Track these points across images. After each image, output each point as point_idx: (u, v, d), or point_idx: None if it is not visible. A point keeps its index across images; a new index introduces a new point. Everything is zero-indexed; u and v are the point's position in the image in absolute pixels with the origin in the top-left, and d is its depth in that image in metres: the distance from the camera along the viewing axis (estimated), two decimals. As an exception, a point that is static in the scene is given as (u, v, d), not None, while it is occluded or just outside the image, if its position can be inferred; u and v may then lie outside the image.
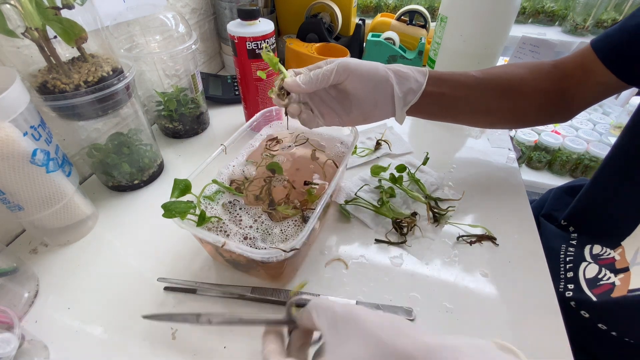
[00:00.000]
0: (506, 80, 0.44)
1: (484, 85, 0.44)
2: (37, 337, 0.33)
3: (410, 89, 0.41)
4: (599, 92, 0.43)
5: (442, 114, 0.45)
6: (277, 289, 0.38)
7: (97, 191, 0.52)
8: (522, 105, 0.45)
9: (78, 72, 0.39)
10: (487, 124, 0.51)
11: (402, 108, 0.42)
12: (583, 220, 0.49)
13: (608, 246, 0.44)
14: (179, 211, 0.33)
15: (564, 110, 0.46)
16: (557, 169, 1.32)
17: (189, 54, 0.56)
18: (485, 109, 0.45)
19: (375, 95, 0.40)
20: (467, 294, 0.38)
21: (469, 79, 0.43)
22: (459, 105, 0.44)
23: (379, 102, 0.41)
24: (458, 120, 0.47)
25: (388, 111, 0.42)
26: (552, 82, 0.44)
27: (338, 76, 0.38)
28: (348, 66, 0.38)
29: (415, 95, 0.41)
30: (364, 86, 0.39)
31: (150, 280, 0.39)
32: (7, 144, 0.32)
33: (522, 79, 0.44)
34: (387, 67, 0.41)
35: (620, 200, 0.43)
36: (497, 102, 0.44)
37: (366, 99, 0.40)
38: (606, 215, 0.45)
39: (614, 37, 0.41)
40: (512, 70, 0.45)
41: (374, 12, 1.30)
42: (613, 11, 1.15)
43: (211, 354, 0.33)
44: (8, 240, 0.45)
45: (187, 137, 0.64)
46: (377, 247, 0.43)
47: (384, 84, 0.40)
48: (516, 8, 0.54)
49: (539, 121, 0.48)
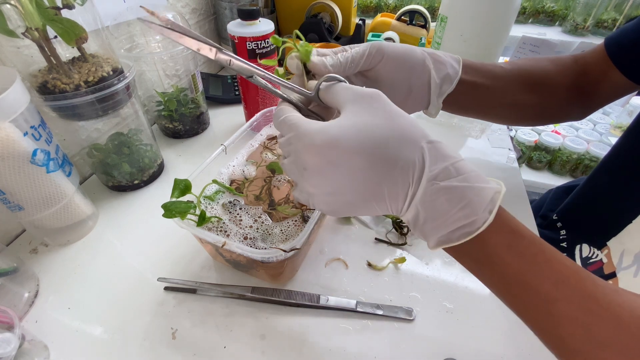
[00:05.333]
0: (533, 73, 0.42)
1: (513, 76, 0.41)
2: (37, 337, 0.33)
3: (447, 75, 0.37)
4: (614, 91, 0.43)
5: (473, 107, 0.42)
6: (277, 289, 0.38)
7: (97, 191, 0.52)
8: (546, 99, 0.43)
9: (78, 72, 0.39)
10: (512, 119, 0.48)
11: (438, 97, 0.37)
12: (573, 217, 0.49)
13: (594, 246, 0.44)
14: (179, 211, 0.33)
15: (581, 107, 0.45)
16: (557, 169, 1.32)
17: (189, 54, 0.56)
18: (513, 102, 0.42)
19: (411, 81, 0.36)
20: (467, 294, 0.38)
21: (498, 69, 0.41)
22: (490, 97, 0.41)
23: (413, 90, 0.36)
24: (487, 115, 0.45)
25: (421, 101, 0.38)
26: (573, 78, 0.43)
27: (370, 59, 0.34)
28: (382, 48, 0.34)
29: (451, 84, 0.37)
30: (399, 70, 0.35)
31: (150, 280, 0.39)
32: (7, 144, 0.32)
33: (547, 72, 0.43)
34: (423, 50, 0.37)
35: (610, 199, 0.44)
36: (525, 95, 0.42)
37: (400, 86, 0.36)
38: (596, 213, 0.46)
39: (627, 37, 0.40)
40: (536, 63, 0.43)
41: (374, 12, 1.30)
42: (613, 11, 1.15)
43: (211, 354, 0.33)
44: (8, 240, 0.45)
45: (187, 137, 0.64)
46: (377, 247, 0.43)
47: (420, 68, 0.36)
48: (516, 8, 0.54)
49: (559, 117, 0.47)
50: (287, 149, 0.25)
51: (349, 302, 0.36)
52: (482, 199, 0.22)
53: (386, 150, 0.22)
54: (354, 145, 0.22)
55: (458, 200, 0.22)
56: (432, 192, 0.22)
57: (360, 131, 0.22)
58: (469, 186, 0.22)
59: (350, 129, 0.23)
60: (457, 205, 0.22)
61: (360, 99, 0.24)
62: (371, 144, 0.22)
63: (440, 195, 0.22)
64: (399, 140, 0.22)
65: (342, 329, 0.35)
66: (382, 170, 0.22)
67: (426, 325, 0.36)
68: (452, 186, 0.22)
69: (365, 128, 0.23)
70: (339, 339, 0.34)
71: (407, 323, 0.36)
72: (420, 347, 0.34)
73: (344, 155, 0.22)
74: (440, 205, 0.22)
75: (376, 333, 0.35)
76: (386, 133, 0.22)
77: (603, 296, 0.21)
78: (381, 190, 0.23)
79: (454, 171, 0.22)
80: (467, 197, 0.22)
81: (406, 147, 0.22)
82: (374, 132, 0.22)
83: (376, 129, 0.23)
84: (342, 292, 0.38)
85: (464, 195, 0.22)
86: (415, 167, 0.22)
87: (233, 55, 0.27)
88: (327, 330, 0.35)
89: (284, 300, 0.37)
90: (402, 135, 0.22)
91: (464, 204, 0.22)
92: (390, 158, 0.22)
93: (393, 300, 0.38)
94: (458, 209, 0.22)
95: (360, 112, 0.23)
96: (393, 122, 0.23)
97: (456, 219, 0.22)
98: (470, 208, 0.22)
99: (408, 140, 0.22)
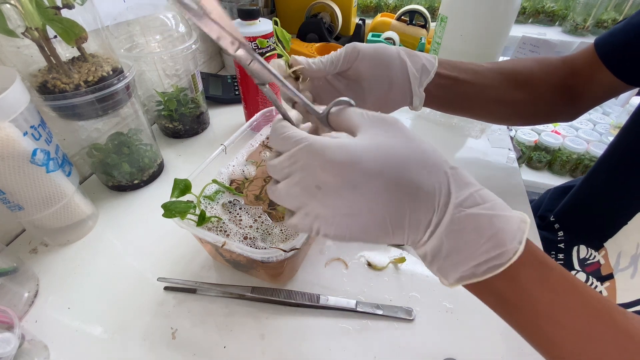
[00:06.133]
0: (516, 71, 0.43)
1: (495, 73, 0.42)
2: (37, 337, 0.33)
3: (423, 66, 0.38)
4: (604, 92, 0.43)
5: (457, 103, 0.43)
6: (277, 289, 0.38)
7: (97, 191, 0.52)
8: (533, 98, 0.44)
9: (78, 72, 0.39)
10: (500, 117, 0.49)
11: (418, 87, 0.39)
12: (570, 218, 0.49)
13: (592, 247, 0.44)
14: (179, 211, 0.33)
15: (570, 108, 0.46)
16: (557, 169, 1.32)
17: (189, 53, 0.56)
18: (498, 99, 0.43)
19: (390, 74, 0.37)
20: (467, 294, 0.38)
21: (479, 67, 0.42)
22: (473, 93, 0.42)
23: (394, 83, 0.38)
24: (473, 112, 0.45)
25: (404, 94, 0.39)
26: (560, 78, 0.43)
27: (347, 56, 0.36)
28: (356, 45, 0.36)
29: (428, 74, 0.39)
30: (376, 66, 0.37)
31: (150, 280, 0.39)
32: (7, 144, 0.32)
33: (531, 71, 0.43)
34: (396, 47, 0.39)
35: (607, 198, 0.44)
36: (510, 92, 0.43)
37: (381, 81, 0.37)
38: (592, 214, 0.46)
39: (616, 37, 0.40)
40: (521, 62, 0.44)
41: (374, 12, 1.30)
42: (613, 11, 1.15)
43: (211, 354, 0.33)
44: (8, 240, 0.45)
45: (187, 137, 0.64)
46: (377, 247, 0.43)
47: (397, 62, 0.38)
48: (516, 8, 0.54)
49: (549, 118, 0.47)
50: (289, 169, 0.22)
51: (348, 302, 0.36)
52: (510, 227, 0.20)
53: (409, 172, 0.21)
54: (376, 166, 0.21)
55: (487, 229, 0.20)
56: (460, 219, 0.20)
57: (383, 151, 0.21)
58: (497, 215, 0.21)
59: (371, 148, 0.21)
60: (485, 235, 0.20)
61: (377, 122, 0.23)
62: (394, 165, 0.21)
63: (468, 223, 0.20)
64: (422, 163, 0.21)
65: (342, 328, 0.35)
66: (405, 194, 0.21)
67: (426, 325, 0.36)
68: (480, 214, 0.20)
69: (387, 149, 0.21)
70: (338, 339, 0.34)
71: (407, 323, 0.36)
72: (420, 347, 0.34)
73: (366, 175, 0.20)
74: (468, 235, 0.20)
75: (376, 333, 0.35)
76: (409, 155, 0.21)
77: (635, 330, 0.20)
78: (402, 215, 0.21)
79: (479, 199, 0.21)
80: (496, 226, 0.20)
81: (430, 171, 0.21)
82: (396, 153, 0.21)
83: (399, 150, 0.21)
84: (342, 292, 0.38)
85: (492, 224, 0.20)
86: (441, 192, 0.21)
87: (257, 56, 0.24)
88: (327, 330, 0.35)
89: (284, 300, 0.37)
90: (425, 159, 0.21)
91: (492, 233, 0.20)
92: (413, 181, 0.21)
93: (393, 300, 0.38)
94: (486, 238, 0.20)
95: (379, 134, 0.22)
96: (415, 144, 0.22)
97: (484, 250, 0.20)
98: (500, 238, 0.20)
99: (432, 164, 0.21)
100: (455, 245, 0.21)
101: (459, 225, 0.21)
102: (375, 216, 0.21)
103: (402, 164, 0.21)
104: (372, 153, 0.21)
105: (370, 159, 0.21)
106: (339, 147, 0.21)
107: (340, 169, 0.20)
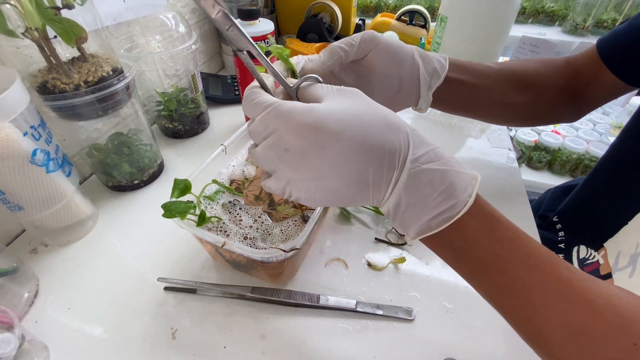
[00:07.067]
0: (522, 73, 0.43)
1: (501, 76, 0.42)
2: (37, 337, 0.33)
3: (435, 70, 0.38)
4: (606, 93, 0.43)
5: (462, 105, 0.43)
6: (277, 289, 0.38)
7: (97, 191, 0.52)
8: (537, 100, 0.44)
9: (78, 72, 0.39)
10: (503, 119, 0.49)
11: (427, 91, 0.38)
12: (572, 218, 0.49)
13: (592, 247, 0.44)
14: (179, 211, 0.33)
15: (573, 110, 0.46)
16: (557, 169, 1.32)
17: (189, 54, 0.56)
18: (503, 102, 0.43)
19: (401, 72, 0.36)
20: (467, 294, 0.38)
21: (486, 68, 0.42)
22: (478, 96, 0.42)
23: (404, 82, 0.37)
24: (476, 114, 0.45)
25: (411, 96, 0.39)
26: (564, 79, 0.43)
27: (364, 44, 0.34)
28: (375, 35, 0.35)
29: (439, 77, 0.38)
30: (390, 60, 0.36)
31: (150, 280, 0.39)
32: (7, 144, 0.32)
33: (537, 73, 0.43)
34: (410, 46, 0.38)
35: (608, 199, 0.44)
36: (514, 95, 0.43)
37: (392, 80, 0.36)
38: (594, 214, 0.46)
39: (618, 39, 0.40)
40: (526, 63, 0.44)
41: (374, 12, 1.30)
42: (613, 11, 1.15)
43: (211, 354, 0.33)
44: (8, 240, 0.45)
45: (187, 137, 0.64)
46: (377, 247, 0.43)
47: (410, 61, 0.37)
48: (516, 8, 0.54)
49: (551, 119, 0.47)
50: (262, 133, 0.24)
51: (348, 302, 0.36)
52: (461, 182, 0.22)
53: (374, 132, 0.22)
54: (342, 126, 0.22)
55: (439, 183, 0.22)
56: (415, 174, 0.22)
57: (348, 114, 0.23)
58: (449, 170, 0.22)
59: (336, 111, 0.22)
60: (438, 188, 0.22)
61: (340, 92, 0.25)
62: (359, 126, 0.22)
63: (422, 177, 0.22)
64: (384, 124, 0.23)
65: (342, 329, 0.35)
66: (370, 153, 0.22)
67: (426, 325, 0.36)
68: (434, 169, 0.22)
69: (351, 112, 0.23)
70: (339, 339, 0.34)
71: (407, 323, 0.36)
72: (420, 347, 0.34)
73: (331, 136, 0.22)
74: (423, 188, 0.22)
75: (376, 333, 0.35)
76: (373, 117, 0.23)
77: (578, 283, 0.21)
78: (366, 174, 0.22)
79: (434, 156, 0.23)
80: (448, 179, 0.22)
81: (392, 132, 0.23)
82: (360, 115, 0.23)
83: (363, 113, 0.23)
84: (342, 292, 0.38)
85: (444, 177, 0.22)
86: (401, 150, 0.22)
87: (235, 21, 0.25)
88: (327, 330, 0.35)
89: (284, 300, 0.37)
90: (387, 121, 0.23)
91: (444, 187, 0.22)
92: (377, 140, 0.22)
93: (393, 300, 0.38)
94: (439, 192, 0.22)
95: (342, 101, 0.24)
96: (376, 109, 0.24)
97: (437, 203, 0.22)
98: (451, 191, 0.22)
99: (393, 125, 0.23)
100: (412, 200, 0.22)
101: (415, 179, 0.22)
102: (342, 177, 0.22)
103: (367, 125, 0.22)
104: (338, 114, 0.22)
105: (335, 119, 0.22)
106: (305, 110, 0.22)
107: (307, 131, 0.22)
